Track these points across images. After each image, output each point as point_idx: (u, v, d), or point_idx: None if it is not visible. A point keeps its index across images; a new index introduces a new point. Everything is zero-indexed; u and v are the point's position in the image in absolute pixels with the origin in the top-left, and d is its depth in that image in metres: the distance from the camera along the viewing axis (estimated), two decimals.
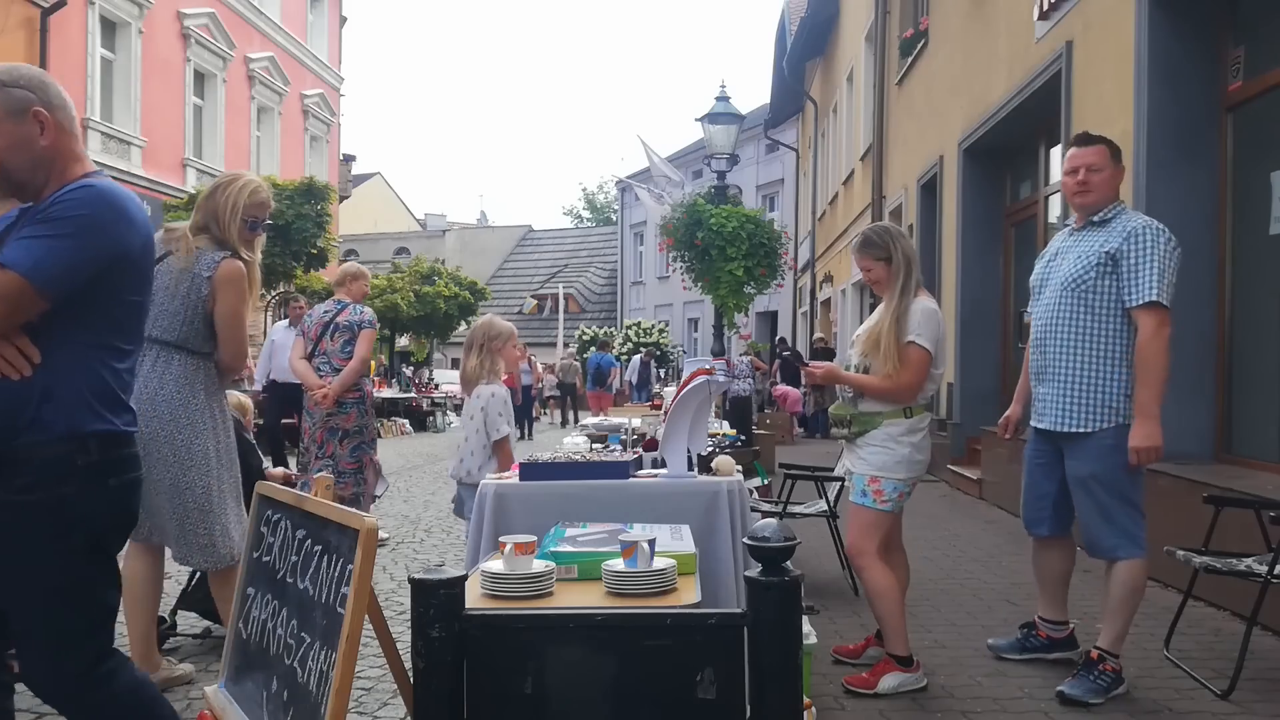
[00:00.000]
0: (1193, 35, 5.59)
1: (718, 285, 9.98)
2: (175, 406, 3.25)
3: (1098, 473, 3.40)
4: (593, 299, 39.69)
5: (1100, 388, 3.40)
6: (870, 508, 3.53)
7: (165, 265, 3.24)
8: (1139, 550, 3.38)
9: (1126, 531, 3.37)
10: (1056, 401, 3.48)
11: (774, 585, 1.77)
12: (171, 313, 3.25)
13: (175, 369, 3.28)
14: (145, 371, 3.24)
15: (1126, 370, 3.38)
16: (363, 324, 5.93)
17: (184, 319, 3.26)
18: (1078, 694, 3.33)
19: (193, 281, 3.24)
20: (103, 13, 15.47)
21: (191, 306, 3.25)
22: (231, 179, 3.44)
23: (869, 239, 3.63)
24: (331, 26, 24.83)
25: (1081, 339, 3.44)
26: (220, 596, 3.41)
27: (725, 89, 10.96)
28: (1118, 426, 3.36)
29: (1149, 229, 3.39)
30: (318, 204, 15.56)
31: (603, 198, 52.75)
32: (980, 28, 9.02)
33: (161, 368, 3.27)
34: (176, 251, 3.28)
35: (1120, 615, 3.41)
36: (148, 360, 3.26)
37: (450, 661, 1.81)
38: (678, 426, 3.48)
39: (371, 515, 2.16)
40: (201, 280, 3.25)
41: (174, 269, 3.26)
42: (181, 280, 3.25)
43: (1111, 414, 3.38)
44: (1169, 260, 3.37)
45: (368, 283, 6.40)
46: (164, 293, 3.23)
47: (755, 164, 29.53)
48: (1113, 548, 3.39)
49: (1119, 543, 3.37)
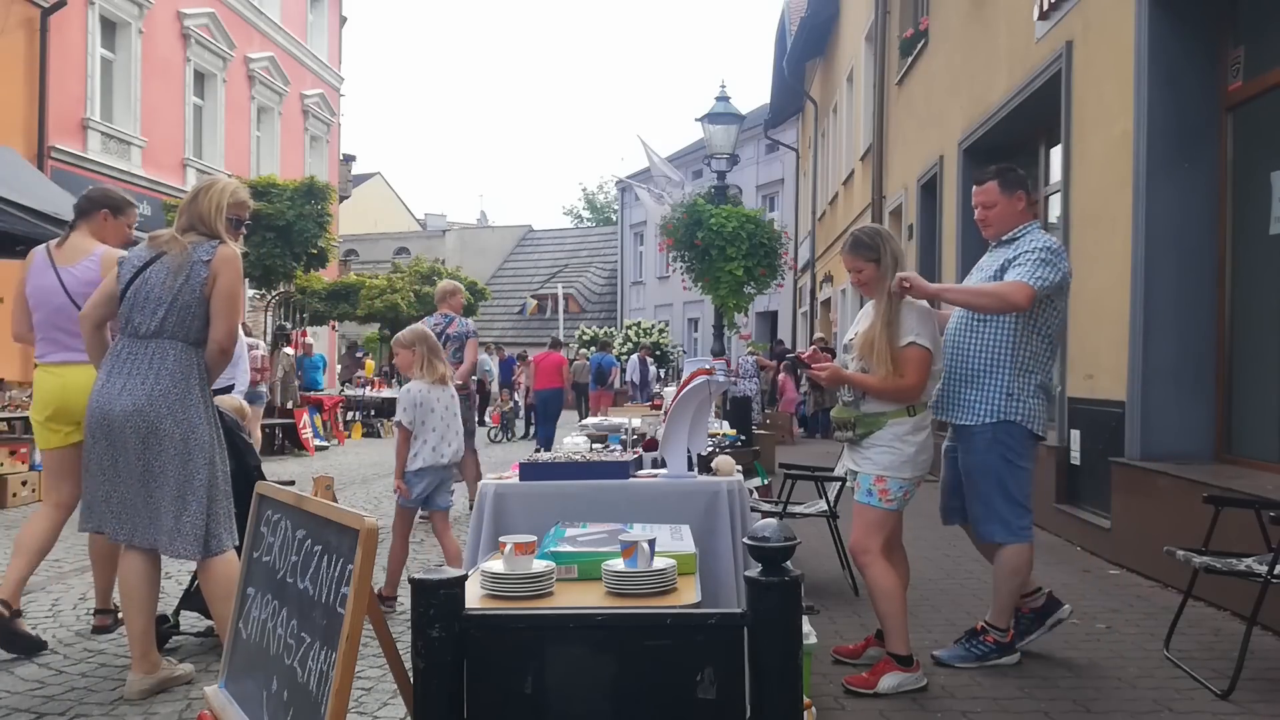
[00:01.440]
0: (1193, 35, 5.59)
1: (718, 285, 9.99)
2: (173, 400, 3.35)
3: (978, 464, 3.67)
4: (593, 299, 39.68)
5: (981, 385, 3.66)
6: (876, 507, 3.55)
7: (159, 265, 3.41)
8: (1015, 538, 3.66)
9: (1004, 520, 3.65)
10: (946, 394, 3.76)
11: (774, 585, 1.77)
12: (168, 306, 3.38)
13: (171, 362, 3.38)
14: (143, 366, 3.36)
15: (1009, 372, 3.64)
16: (468, 334, 7.31)
17: (181, 311, 3.39)
18: (947, 657, 3.75)
19: (191, 270, 3.39)
20: (103, 13, 15.46)
21: (189, 294, 3.39)
22: (211, 183, 3.60)
23: (859, 240, 3.66)
24: (331, 26, 24.83)
25: (972, 340, 3.71)
26: (210, 594, 3.44)
27: (725, 89, 10.97)
28: (996, 423, 3.62)
29: (1038, 245, 3.64)
30: (318, 204, 15.54)
31: (603, 198, 52.75)
32: (980, 28, 9.02)
33: (158, 361, 3.37)
34: (169, 250, 3.43)
35: (1002, 593, 3.74)
36: (144, 355, 3.37)
37: (450, 661, 1.81)
38: (678, 426, 3.48)
39: (372, 516, 2.16)
40: (200, 266, 3.40)
41: (169, 266, 3.41)
42: (179, 273, 3.39)
43: (990, 410, 3.64)
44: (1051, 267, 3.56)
45: (463, 295, 7.66)
46: (160, 288, 3.38)
47: (755, 164, 29.53)
48: (990, 533, 3.69)
49: (996, 529, 3.67)
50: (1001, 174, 3.83)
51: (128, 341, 3.43)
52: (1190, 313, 5.57)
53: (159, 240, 3.48)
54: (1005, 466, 3.65)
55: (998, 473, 3.65)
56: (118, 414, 3.33)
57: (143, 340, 3.39)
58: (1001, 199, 3.77)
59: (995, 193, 3.78)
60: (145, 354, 3.37)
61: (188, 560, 3.49)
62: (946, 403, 3.75)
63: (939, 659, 3.76)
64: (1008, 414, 3.63)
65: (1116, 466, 5.74)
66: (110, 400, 3.35)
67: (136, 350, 3.40)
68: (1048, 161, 8.17)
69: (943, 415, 3.77)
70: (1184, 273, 5.58)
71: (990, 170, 3.90)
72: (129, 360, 3.39)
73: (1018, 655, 3.80)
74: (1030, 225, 3.78)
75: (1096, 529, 6.01)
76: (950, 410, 3.74)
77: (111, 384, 3.38)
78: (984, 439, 3.64)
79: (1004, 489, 3.65)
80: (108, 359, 3.46)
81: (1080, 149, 6.72)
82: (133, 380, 3.35)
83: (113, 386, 3.37)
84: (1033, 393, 3.69)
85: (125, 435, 3.33)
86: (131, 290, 3.42)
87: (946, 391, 3.75)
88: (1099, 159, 6.36)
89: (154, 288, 3.39)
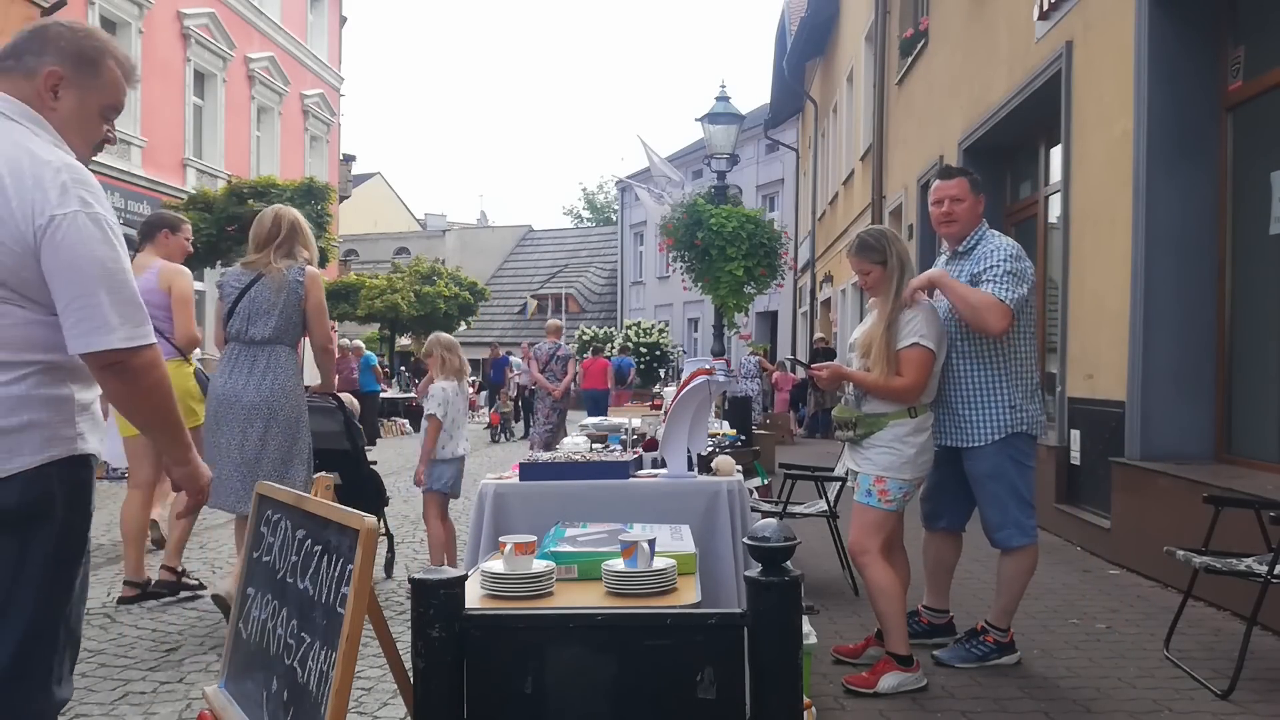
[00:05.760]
0: (1193, 35, 5.59)
1: (718, 285, 9.98)
2: (288, 390, 4.24)
3: (991, 470, 3.67)
4: (593, 299, 39.67)
5: (983, 404, 3.65)
6: (875, 507, 3.55)
7: (261, 284, 4.24)
8: (1029, 539, 3.70)
9: (1019, 524, 3.67)
10: (950, 422, 3.71)
11: (774, 585, 1.77)
12: (277, 317, 4.22)
13: (283, 360, 4.27)
14: (260, 365, 4.21)
15: (1006, 385, 3.64)
16: (569, 356, 11.48)
17: (285, 321, 4.24)
18: (947, 658, 3.75)
19: (290, 288, 4.24)
20: (102, 13, 15.46)
21: (291, 307, 4.24)
22: (294, 216, 4.41)
23: (865, 242, 3.65)
24: (331, 26, 24.82)
25: (960, 362, 3.68)
26: None
27: (725, 89, 10.95)
28: (1007, 437, 3.62)
29: (1000, 249, 3.62)
30: (318, 204, 15.57)
31: (603, 198, 52.74)
32: (980, 28, 9.02)
33: (274, 361, 4.24)
34: (267, 273, 4.25)
35: (1009, 592, 3.76)
36: (261, 357, 4.22)
37: (450, 661, 1.81)
38: (678, 426, 3.48)
39: (371, 516, 2.16)
40: (298, 284, 4.26)
41: (271, 285, 4.23)
42: (280, 291, 4.22)
43: (996, 427, 3.63)
44: (1019, 279, 3.55)
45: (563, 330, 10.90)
46: (265, 304, 4.21)
47: (755, 164, 29.51)
48: (1007, 539, 3.69)
49: (1013, 534, 3.68)
50: (967, 174, 3.82)
51: (242, 346, 4.25)
52: (1190, 313, 5.57)
53: (256, 263, 4.29)
54: (1016, 469, 3.67)
55: (1009, 477, 3.65)
56: (245, 403, 4.16)
57: (257, 345, 4.23)
58: (970, 196, 3.73)
59: (966, 189, 3.73)
60: (262, 355, 4.23)
61: None
62: (950, 428, 3.70)
63: (939, 659, 3.76)
64: (1014, 426, 3.62)
65: (1116, 466, 5.74)
66: (237, 392, 4.18)
67: (254, 353, 4.23)
68: (1048, 161, 8.17)
69: (949, 441, 3.71)
70: (1184, 273, 5.58)
71: (955, 169, 3.89)
72: (247, 361, 4.22)
73: (1018, 655, 3.80)
74: (983, 229, 3.76)
75: (1096, 529, 6.00)
76: (955, 435, 3.69)
77: (235, 379, 4.21)
78: (994, 448, 3.63)
79: (1016, 492, 3.67)
80: (225, 360, 4.29)
81: (1080, 149, 6.72)
82: (253, 376, 4.19)
83: (236, 382, 4.20)
84: (1032, 396, 3.70)
85: (251, 418, 4.16)
86: (241, 306, 4.24)
87: (947, 417, 3.71)
88: (1099, 159, 6.36)
89: (261, 303, 4.21)
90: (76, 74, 2.01)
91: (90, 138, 2.09)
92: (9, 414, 1.84)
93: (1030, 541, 3.71)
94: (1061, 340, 7.00)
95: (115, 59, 2.08)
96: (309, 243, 4.42)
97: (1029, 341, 3.72)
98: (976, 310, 3.50)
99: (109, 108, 2.10)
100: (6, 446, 1.84)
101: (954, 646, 3.83)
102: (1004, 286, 3.51)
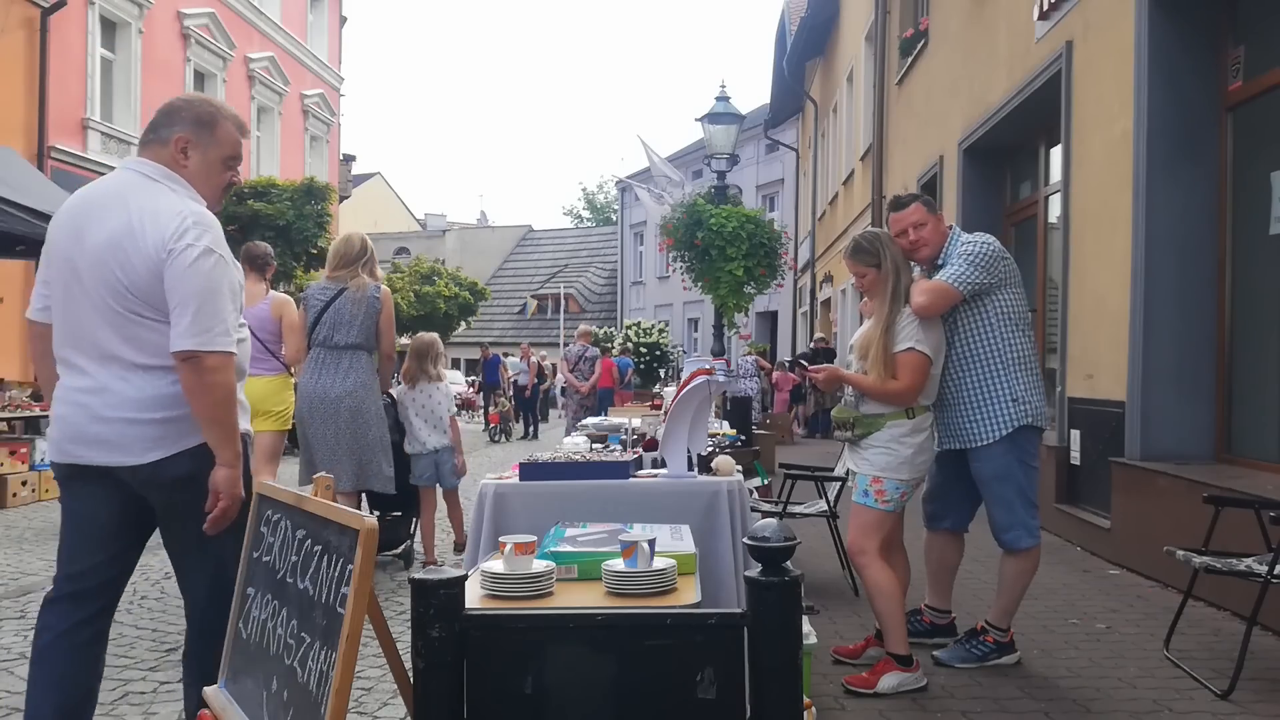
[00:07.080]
0: (1193, 35, 5.59)
1: (718, 285, 9.97)
2: (370, 388, 5.00)
3: (998, 471, 3.67)
4: (593, 299, 39.67)
5: (985, 401, 3.66)
6: (872, 507, 3.55)
7: (344, 298, 4.94)
8: (1035, 539, 3.72)
9: (1025, 524, 3.69)
10: (953, 424, 3.73)
11: (774, 585, 1.77)
12: (358, 326, 4.93)
13: (364, 362, 5.00)
14: (344, 367, 4.93)
15: (1005, 380, 3.64)
16: (597, 358, 13.33)
17: (364, 329, 4.94)
18: (947, 658, 3.76)
19: (369, 303, 4.96)
20: (103, 12, 15.45)
21: (369, 318, 4.96)
22: (363, 241, 5.17)
23: (860, 246, 3.66)
24: (331, 26, 24.80)
25: (963, 364, 3.69)
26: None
27: (725, 89, 10.94)
28: (1012, 433, 3.62)
29: (968, 243, 3.66)
30: (318, 204, 15.55)
31: (603, 198, 52.73)
32: (980, 28, 9.02)
33: (356, 364, 4.96)
34: (350, 287, 4.96)
35: (1010, 592, 3.77)
36: (344, 359, 4.93)
37: (450, 661, 1.81)
38: (678, 426, 3.48)
39: (371, 517, 2.16)
40: (375, 300, 4.99)
41: (353, 298, 4.94)
42: (360, 304, 4.93)
43: (1002, 423, 3.63)
44: (977, 260, 3.59)
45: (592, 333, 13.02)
46: (348, 315, 4.93)
47: (755, 164, 29.51)
48: (1015, 540, 3.70)
49: (1020, 535, 3.69)
50: (918, 197, 3.82)
51: (326, 351, 4.95)
52: (1190, 313, 5.57)
53: (341, 277, 5.01)
54: (1023, 470, 3.68)
55: (1017, 478, 3.67)
56: (333, 398, 4.88)
57: (341, 350, 4.93)
58: (930, 218, 3.72)
59: (924, 212, 3.72)
60: (345, 359, 4.94)
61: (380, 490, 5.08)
62: (955, 430, 3.70)
63: (939, 659, 3.77)
64: (1018, 419, 3.62)
65: (1116, 466, 5.74)
66: (326, 390, 4.90)
67: (339, 357, 4.94)
68: (1048, 161, 8.17)
69: (955, 444, 3.72)
70: (1184, 273, 5.58)
71: (905, 196, 3.86)
72: (333, 364, 4.94)
73: (1018, 655, 3.80)
74: (954, 236, 3.75)
75: (1096, 529, 6.00)
76: (960, 436, 3.70)
77: (324, 380, 4.92)
78: (1001, 447, 3.63)
79: (1023, 493, 3.68)
80: (312, 363, 4.97)
81: (1080, 149, 6.72)
82: (338, 376, 4.91)
83: (325, 382, 4.91)
84: (1035, 385, 3.69)
85: (340, 412, 4.88)
86: (327, 315, 4.93)
87: (950, 419, 3.71)
88: (1099, 159, 6.36)
89: (344, 314, 4.92)
90: (198, 136, 2.59)
91: (216, 184, 2.64)
92: (179, 405, 2.47)
93: (1036, 543, 3.72)
94: (1061, 340, 7.00)
95: (228, 119, 2.66)
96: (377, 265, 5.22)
97: (1026, 336, 3.71)
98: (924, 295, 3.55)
99: (229, 158, 2.65)
100: (179, 430, 2.48)
101: (954, 647, 3.84)
102: (956, 271, 3.55)
